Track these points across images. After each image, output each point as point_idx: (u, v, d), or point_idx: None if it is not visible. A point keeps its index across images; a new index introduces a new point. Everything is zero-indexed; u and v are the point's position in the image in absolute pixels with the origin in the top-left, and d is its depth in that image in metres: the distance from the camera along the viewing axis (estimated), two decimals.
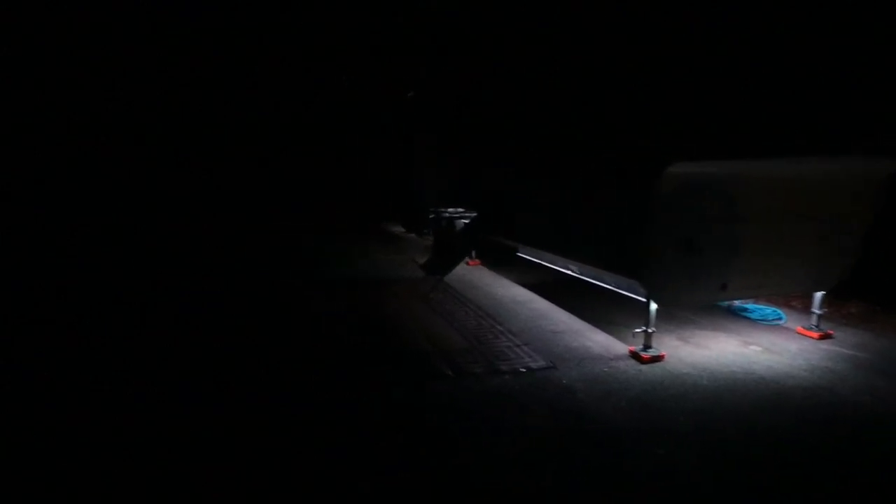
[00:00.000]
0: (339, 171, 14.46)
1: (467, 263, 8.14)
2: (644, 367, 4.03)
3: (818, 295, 4.75)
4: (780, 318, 5.19)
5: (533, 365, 4.08)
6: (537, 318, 5.38)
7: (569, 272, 5.62)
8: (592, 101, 4.82)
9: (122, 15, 11.74)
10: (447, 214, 8.34)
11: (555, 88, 5.41)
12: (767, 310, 5.31)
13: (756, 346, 4.49)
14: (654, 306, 4.17)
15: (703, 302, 5.32)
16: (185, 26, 12.28)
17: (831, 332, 4.73)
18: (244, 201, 13.33)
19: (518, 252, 7.01)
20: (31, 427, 3.04)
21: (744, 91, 3.40)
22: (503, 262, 7.75)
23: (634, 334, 4.33)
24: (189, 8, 11.98)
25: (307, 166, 14.45)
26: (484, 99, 7.79)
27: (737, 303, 5.42)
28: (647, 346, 4.21)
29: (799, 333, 4.79)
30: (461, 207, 8.35)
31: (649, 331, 4.20)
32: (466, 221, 7.90)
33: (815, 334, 4.67)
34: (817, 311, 4.75)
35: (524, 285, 6.77)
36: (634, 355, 4.21)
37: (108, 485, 2.52)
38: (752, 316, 5.25)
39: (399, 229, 11.90)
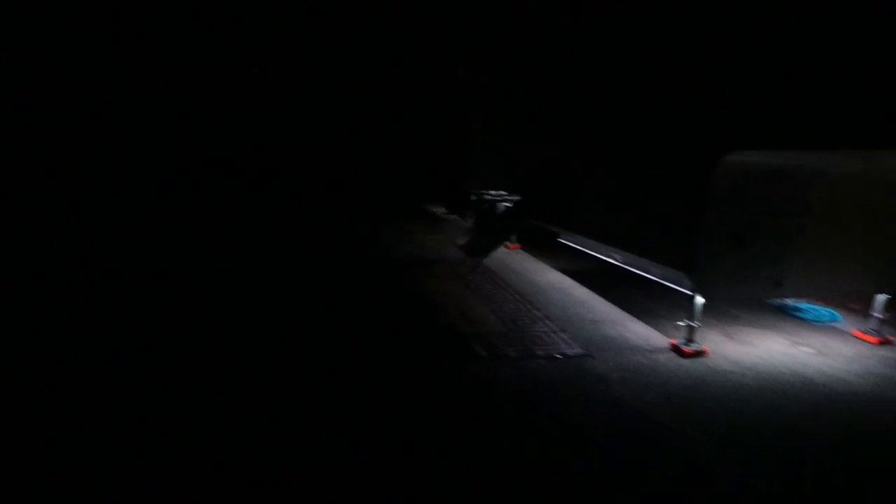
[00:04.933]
0: (384, 154, 14.50)
1: (507, 247, 8.09)
2: (685, 362, 3.92)
3: (880, 297, 4.46)
4: (836, 320, 4.92)
5: (569, 352, 4.04)
6: (576, 305, 5.30)
7: (612, 261, 5.50)
8: (647, 89, 4.63)
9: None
10: (489, 197, 8.28)
11: (607, 75, 5.22)
12: (823, 310, 5.04)
13: (807, 348, 4.28)
14: (700, 300, 4.03)
15: (754, 298, 5.11)
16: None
17: (891, 338, 4.45)
18: (292, 189, 13.49)
19: (559, 238, 6.91)
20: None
21: (815, 78, 3.19)
22: (543, 248, 7.65)
23: (677, 327, 4.21)
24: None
25: (354, 151, 14.53)
26: (532, 84, 7.61)
27: (790, 302, 5.17)
28: (689, 340, 4.08)
29: (855, 337, 4.53)
30: (504, 191, 8.26)
31: (693, 325, 4.07)
32: (508, 205, 7.82)
33: (874, 339, 4.41)
34: (878, 315, 4.47)
35: (563, 272, 6.67)
36: (675, 349, 4.09)
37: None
38: (806, 316, 5.00)
39: (442, 210, 11.92)
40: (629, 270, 5.20)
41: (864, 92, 2.93)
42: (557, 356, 3.95)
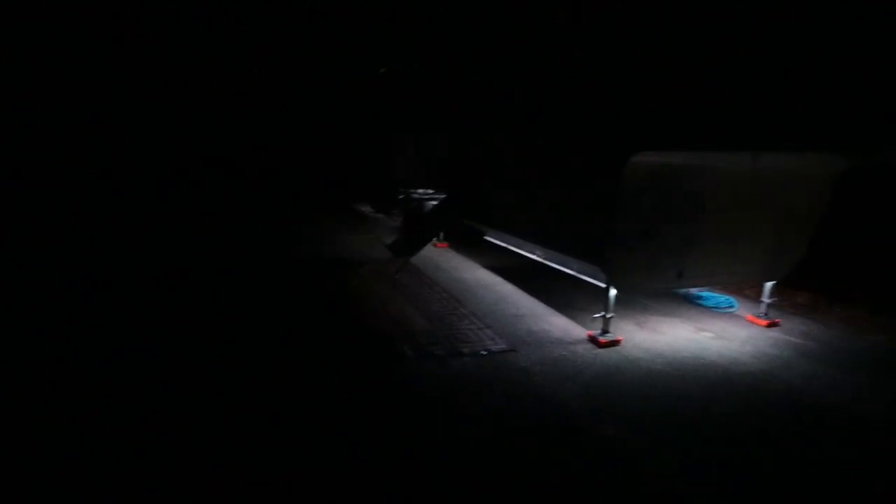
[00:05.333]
0: (306, 153, 14.25)
1: (435, 245, 8.14)
2: (601, 352, 4.14)
3: (768, 284, 4.94)
4: (732, 306, 5.39)
5: (494, 348, 4.14)
6: (501, 301, 5.44)
7: (535, 257, 5.69)
8: (564, 90, 4.82)
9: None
10: (416, 195, 8.29)
11: (528, 75, 5.38)
12: (721, 297, 5.50)
13: (708, 333, 4.66)
14: (613, 292, 4.26)
15: (660, 289, 5.47)
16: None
17: (778, 320, 4.94)
18: (210, 189, 13.08)
19: (485, 236, 7.04)
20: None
21: (710, 84, 3.45)
22: (470, 246, 7.77)
23: (593, 319, 4.43)
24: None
25: (275, 150, 14.21)
26: (455, 80, 7.71)
27: (693, 290, 5.60)
28: (605, 331, 4.31)
29: (749, 321, 4.99)
30: (430, 189, 8.30)
31: (608, 316, 4.30)
32: (435, 203, 7.87)
33: (764, 322, 4.87)
34: (766, 300, 4.95)
35: (490, 269, 6.83)
36: (592, 339, 4.31)
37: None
38: (706, 303, 5.44)
39: (368, 209, 11.77)
40: (551, 266, 5.40)
41: (756, 96, 3.21)
42: (483, 352, 4.03)
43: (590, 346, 4.25)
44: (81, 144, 11.76)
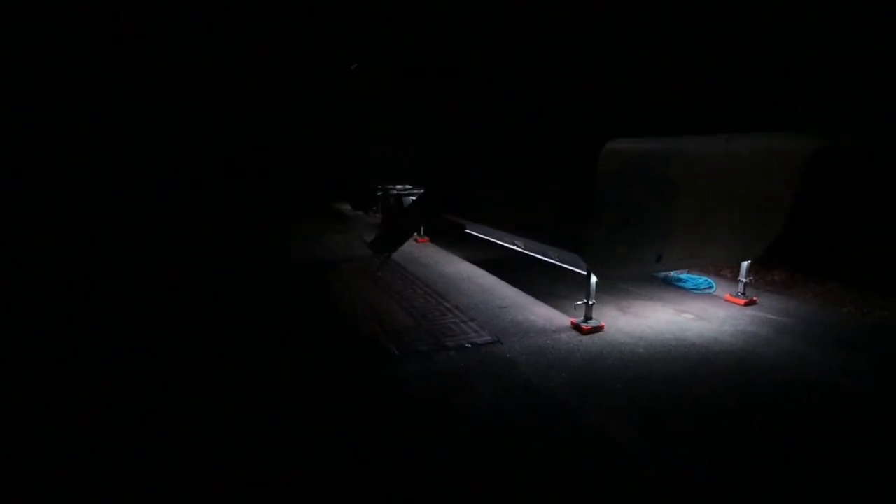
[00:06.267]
0: (284, 152, 14.18)
1: (416, 241, 8.11)
2: (585, 339, 4.17)
3: (745, 264, 5.03)
4: (710, 287, 5.48)
5: (478, 340, 4.14)
6: (484, 293, 5.44)
7: (515, 247, 5.70)
8: (537, 80, 4.82)
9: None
10: (395, 192, 8.24)
11: (502, 68, 5.37)
12: (700, 279, 5.59)
13: (688, 314, 4.73)
14: (594, 279, 4.29)
15: (640, 273, 5.54)
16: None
17: (756, 298, 5.04)
18: (190, 189, 12.99)
19: (466, 229, 7.03)
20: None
21: (680, 68, 3.48)
22: (451, 240, 7.76)
23: (576, 306, 4.46)
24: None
25: (252, 149, 14.14)
26: (432, 76, 7.65)
27: (672, 273, 5.67)
28: (587, 318, 4.35)
29: (727, 301, 5.08)
30: (409, 184, 8.25)
31: (590, 303, 4.33)
32: (414, 198, 7.83)
33: (742, 301, 4.96)
34: (743, 280, 5.04)
35: (472, 262, 6.83)
36: (576, 327, 4.34)
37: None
38: (686, 285, 5.52)
39: (347, 208, 11.68)
40: (532, 256, 5.42)
41: (725, 78, 3.23)
42: (467, 345, 4.03)
43: (574, 333, 4.28)
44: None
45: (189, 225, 9.19)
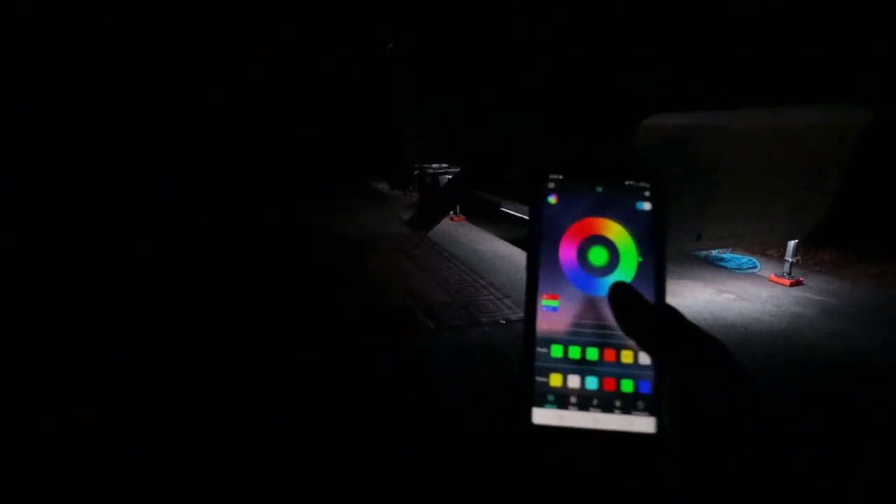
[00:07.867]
0: (321, 133, 14.32)
1: (451, 219, 8.16)
2: None
3: (791, 243, 4.86)
4: (754, 267, 5.32)
5: (513, 317, 4.19)
6: (519, 271, 5.46)
7: None
8: (572, 55, 4.72)
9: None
10: (431, 170, 8.28)
11: (535, 42, 5.28)
12: (743, 259, 5.43)
13: (729, 294, 4.63)
14: None
15: (679, 252, 5.40)
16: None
17: (802, 279, 4.87)
18: (229, 171, 13.17)
19: (501, 207, 7.03)
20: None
21: (721, 38, 3.35)
22: (487, 218, 7.78)
23: None
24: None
25: (290, 131, 14.28)
26: (468, 52, 7.59)
27: (714, 252, 5.54)
28: None
29: (771, 281, 4.93)
30: (445, 163, 8.27)
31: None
32: (450, 177, 7.86)
33: (787, 281, 4.81)
34: (790, 259, 4.87)
35: (507, 240, 6.84)
36: None
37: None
38: (728, 265, 5.38)
39: (384, 186, 11.82)
40: None
41: (773, 48, 3.11)
42: (501, 322, 4.09)
43: None
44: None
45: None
